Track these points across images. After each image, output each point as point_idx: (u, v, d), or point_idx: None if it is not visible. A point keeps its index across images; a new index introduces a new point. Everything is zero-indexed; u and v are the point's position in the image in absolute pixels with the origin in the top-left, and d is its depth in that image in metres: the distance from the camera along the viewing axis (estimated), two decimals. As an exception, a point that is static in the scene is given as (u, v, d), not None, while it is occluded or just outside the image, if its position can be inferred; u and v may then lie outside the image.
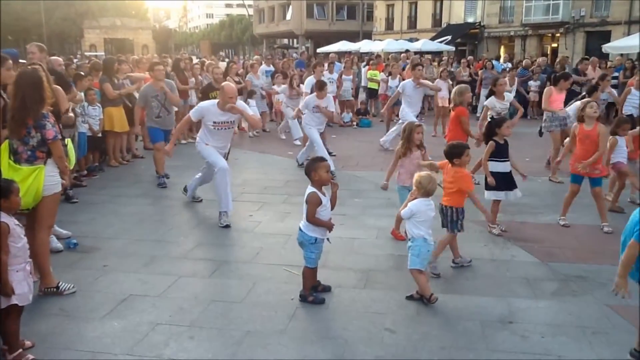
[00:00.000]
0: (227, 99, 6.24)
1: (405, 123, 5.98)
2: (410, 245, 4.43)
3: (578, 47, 29.95)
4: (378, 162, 9.71)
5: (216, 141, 6.53)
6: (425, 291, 4.40)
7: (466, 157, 5.07)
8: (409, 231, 4.47)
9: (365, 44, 35.25)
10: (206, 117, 6.36)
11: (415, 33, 39.80)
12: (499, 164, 6.03)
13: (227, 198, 6.39)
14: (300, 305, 4.39)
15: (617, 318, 4.22)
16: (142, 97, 8.13)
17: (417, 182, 4.46)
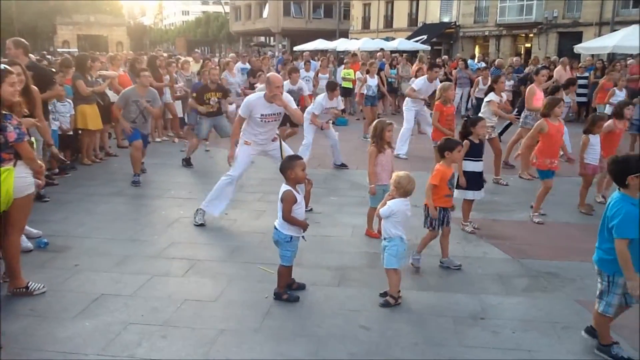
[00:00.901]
0: (274, 90, 6.02)
1: (376, 121, 5.99)
2: (387, 245, 4.43)
3: (551, 48, 30.41)
4: (354, 160, 9.73)
5: (260, 135, 6.32)
6: (395, 290, 4.43)
7: (457, 153, 5.15)
8: (386, 230, 4.45)
9: (342, 43, 35.29)
10: (254, 110, 6.15)
11: (391, 32, 40.01)
12: (473, 163, 6.10)
13: (220, 203, 6.32)
14: (275, 303, 4.39)
15: (586, 313, 4.30)
16: (123, 98, 8.06)
17: (396, 182, 4.45)
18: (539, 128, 6.63)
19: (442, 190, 5.08)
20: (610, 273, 3.56)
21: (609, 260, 3.53)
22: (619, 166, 3.54)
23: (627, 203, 3.44)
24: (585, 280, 4.93)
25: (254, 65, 15.07)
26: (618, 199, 3.50)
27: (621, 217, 3.40)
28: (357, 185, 8.11)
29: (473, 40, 35.80)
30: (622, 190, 3.53)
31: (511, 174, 8.86)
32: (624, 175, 3.47)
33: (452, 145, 5.13)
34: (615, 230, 3.42)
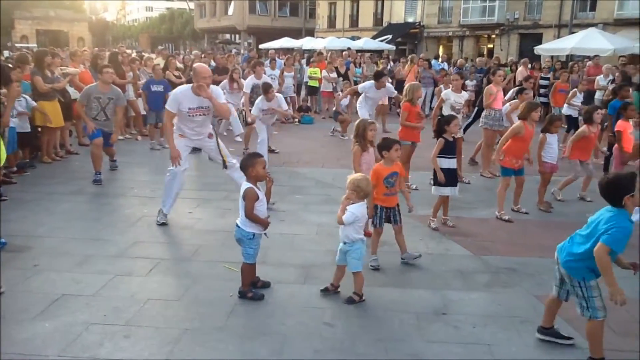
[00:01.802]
0: (200, 80, 5.85)
1: (357, 121, 6.01)
2: (349, 249, 4.43)
3: (512, 48, 31.05)
4: (319, 158, 9.78)
5: (191, 130, 6.18)
6: (360, 289, 4.47)
7: (395, 152, 5.15)
8: (348, 236, 4.42)
9: (308, 41, 35.34)
10: (181, 104, 5.98)
11: (357, 31, 40.21)
12: (447, 160, 6.20)
13: (168, 200, 6.29)
14: (239, 301, 4.39)
15: (542, 307, 4.41)
16: (85, 95, 7.92)
17: (355, 185, 4.40)
18: (517, 131, 6.79)
19: (380, 189, 5.12)
20: (580, 278, 3.57)
21: (578, 266, 3.56)
22: (613, 187, 3.47)
23: (625, 219, 3.40)
24: (543, 275, 5.07)
25: (219, 63, 14.96)
26: (619, 213, 3.43)
27: (619, 230, 3.35)
28: (322, 184, 8.15)
29: (437, 40, 36.30)
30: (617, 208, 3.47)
31: (474, 172, 9.03)
32: (619, 196, 3.41)
33: (389, 144, 5.16)
34: (607, 238, 3.36)
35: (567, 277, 3.66)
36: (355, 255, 4.43)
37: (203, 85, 5.86)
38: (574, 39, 20.93)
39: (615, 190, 3.44)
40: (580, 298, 3.58)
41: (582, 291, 3.56)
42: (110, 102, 8.02)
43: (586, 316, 3.57)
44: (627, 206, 3.41)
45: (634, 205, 3.43)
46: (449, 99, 8.64)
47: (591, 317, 3.54)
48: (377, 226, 5.22)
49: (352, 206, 4.41)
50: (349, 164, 5.97)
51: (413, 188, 7.91)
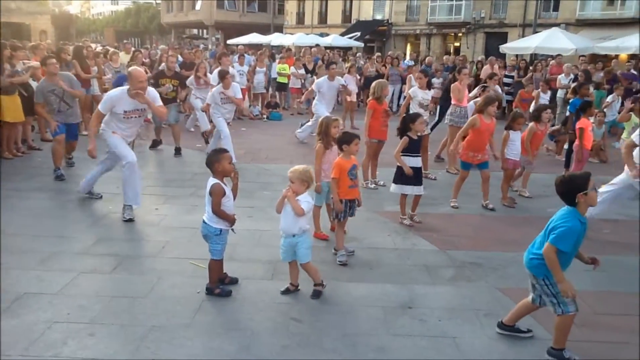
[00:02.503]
0: (136, 84, 5.93)
1: (321, 118, 6.01)
2: (299, 240, 4.41)
3: (478, 47, 31.54)
4: (287, 155, 9.77)
5: (124, 130, 6.26)
6: (319, 278, 4.52)
7: (355, 146, 5.18)
8: (301, 227, 4.40)
9: (277, 37, 35.22)
10: (117, 106, 6.03)
11: (325, 28, 40.27)
12: (411, 158, 6.23)
13: (135, 192, 6.22)
14: (207, 298, 4.37)
15: (506, 300, 4.54)
16: (39, 93, 7.74)
17: (305, 175, 4.38)
18: (472, 123, 6.97)
19: (345, 182, 5.16)
20: (542, 276, 3.65)
21: (539, 264, 3.63)
22: (567, 186, 3.58)
23: (575, 219, 3.51)
24: (507, 269, 5.20)
25: (186, 58, 14.79)
26: (568, 212, 3.56)
27: (564, 229, 3.47)
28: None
29: (405, 38, 36.61)
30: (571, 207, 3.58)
31: (440, 169, 9.15)
32: (572, 194, 3.53)
33: (349, 138, 5.19)
34: (553, 238, 3.49)
35: (532, 277, 3.74)
36: (306, 244, 4.45)
37: (141, 93, 5.98)
38: (538, 38, 21.37)
39: (569, 189, 3.55)
40: (550, 296, 3.65)
41: (548, 288, 3.64)
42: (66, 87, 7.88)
43: (558, 312, 3.64)
44: (580, 204, 3.52)
45: (587, 204, 3.54)
46: (416, 97, 8.72)
47: (563, 312, 3.62)
48: (341, 219, 5.25)
49: (304, 196, 4.38)
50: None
51: (380, 184, 7.98)
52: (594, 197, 3.57)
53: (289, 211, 4.37)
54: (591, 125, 8.14)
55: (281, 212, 4.43)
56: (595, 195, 3.58)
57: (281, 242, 4.49)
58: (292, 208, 4.32)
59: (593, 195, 3.55)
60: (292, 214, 4.36)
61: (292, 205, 4.32)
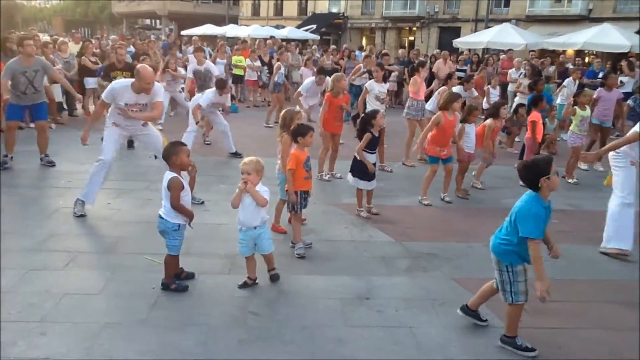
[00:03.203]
0: (143, 85, 5.79)
1: (284, 111, 5.96)
2: (261, 232, 4.43)
3: (432, 41, 32.03)
4: (243, 147, 9.67)
5: (125, 120, 6.09)
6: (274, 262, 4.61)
7: (309, 139, 5.16)
8: (261, 217, 4.42)
9: (232, 29, 34.82)
10: (118, 97, 5.87)
11: (281, 20, 40.10)
12: (370, 155, 6.26)
13: (92, 190, 6.05)
14: (162, 293, 4.29)
15: (461, 290, 4.64)
16: (9, 72, 7.51)
17: (260, 166, 4.38)
18: (437, 121, 7.03)
19: (301, 173, 5.15)
20: (507, 263, 3.71)
21: (506, 250, 3.69)
22: (530, 170, 3.62)
23: (540, 206, 3.57)
24: (461, 259, 5.32)
25: (139, 48, 14.47)
26: (530, 199, 3.61)
27: (533, 219, 3.51)
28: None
29: (360, 31, 36.82)
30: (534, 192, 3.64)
31: (396, 161, 9.24)
32: (535, 178, 3.57)
33: (304, 130, 5.17)
34: (526, 231, 3.52)
35: (496, 263, 3.78)
36: (267, 234, 4.48)
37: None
38: (490, 33, 21.85)
39: (532, 173, 3.59)
40: (505, 283, 3.71)
41: (508, 276, 3.69)
42: (37, 74, 7.71)
43: (508, 301, 3.72)
44: (542, 188, 3.57)
45: (549, 189, 3.59)
46: (373, 90, 8.78)
47: (513, 301, 3.70)
48: (297, 211, 5.25)
49: (261, 186, 4.38)
50: (274, 153, 5.95)
51: (337, 177, 8.01)
52: (556, 182, 3.62)
53: (248, 204, 4.33)
54: (542, 118, 8.39)
55: (238, 206, 4.37)
56: (557, 180, 3.63)
57: (240, 236, 4.45)
58: (255, 200, 4.30)
59: (555, 179, 3.59)
60: (252, 206, 4.33)
61: (255, 197, 4.29)
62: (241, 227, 4.43)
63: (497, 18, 27.50)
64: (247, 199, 4.32)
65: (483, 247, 5.46)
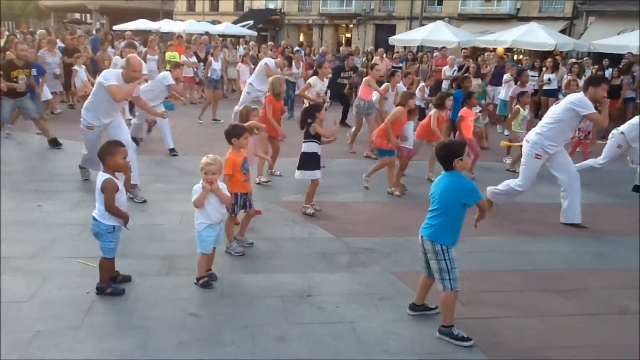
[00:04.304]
0: (131, 73, 5.73)
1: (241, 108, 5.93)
2: (220, 227, 4.52)
3: (369, 38, 32.46)
4: (181, 146, 9.50)
5: (106, 113, 6.13)
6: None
7: (244, 140, 5.10)
8: (225, 212, 4.58)
9: (166, 24, 33.99)
10: None
11: (217, 15, 39.53)
12: (316, 145, 6.28)
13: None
14: (98, 298, 4.16)
15: (399, 284, 4.74)
16: None
17: (220, 165, 4.43)
18: (398, 114, 7.28)
19: (239, 176, 5.07)
20: (447, 244, 3.84)
21: (443, 231, 3.85)
22: (446, 150, 3.90)
23: (460, 177, 3.86)
24: (399, 253, 5.43)
25: (69, 44, 13.91)
26: (449, 178, 3.87)
27: (472, 188, 3.83)
28: (185, 172, 7.95)
29: (298, 28, 36.82)
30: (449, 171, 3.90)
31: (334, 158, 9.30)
32: (451, 159, 3.85)
33: (239, 131, 5.09)
34: (475, 198, 3.86)
35: (431, 251, 3.89)
36: (221, 230, 4.58)
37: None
38: (424, 31, 22.34)
39: (448, 154, 3.88)
40: (444, 271, 3.84)
41: (446, 263, 3.84)
42: None
43: (447, 288, 3.85)
44: (456, 168, 3.87)
45: (462, 168, 3.90)
46: (316, 86, 8.87)
47: (452, 288, 3.84)
48: (236, 214, 5.20)
49: (221, 184, 4.46)
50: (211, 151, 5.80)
51: (277, 174, 8.00)
52: (468, 163, 4.04)
53: (214, 202, 4.39)
54: (473, 115, 8.66)
55: (203, 206, 4.36)
56: (469, 162, 3.99)
57: (205, 233, 4.41)
58: (220, 198, 4.41)
59: (467, 160, 3.94)
60: (218, 203, 4.42)
61: (221, 196, 4.40)
62: (208, 224, 4.40)
63: (430, 16, 28.16)
64: (213, 197, 4.38)
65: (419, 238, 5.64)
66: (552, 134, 6.16)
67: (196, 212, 4.43)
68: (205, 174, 4.33)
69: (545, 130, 6.19)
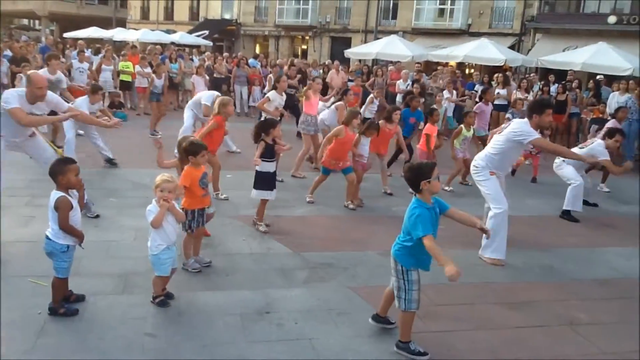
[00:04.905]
0: (35, 91, 5.46)
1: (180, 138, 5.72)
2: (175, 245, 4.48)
3: (324, 50, 32.69)
4: (134, 159, 9.35)
5: (15, 133, 5.72)
6: None
7: (202, 158, 5.03)
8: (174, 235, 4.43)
9: (119, 32, 33.38)
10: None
11: (172, 25, 39.05)
12: (268, 163, 6.22)
13: None
14: (50, 319, 4.05)
15: (357, 299, 4.79)
16: None
17: (176, 184, 4.41)
18: (337, 133, 7.37)
19: (198, 191, 5.01)
20: (407, 266, 3.89)
21: (404, 253, 3.89)
22: (413, 173, 3.87)
23: (423, 208, 3.81)
24: (356, 267, 5.49)
25: (16, 52, 13.52)
26: (413, 204, 3.87)
27: (418, 220, 3.74)
28: (138, 185, 7.82)
29: (254, 39, 36.75)
30: (417, 196, 3.89)
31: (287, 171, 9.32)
32: (417, 181, 3.83)
33: (196, 149, 4.99)
34: (415, 232, 3.74)
35: (393, 268, 3.96)
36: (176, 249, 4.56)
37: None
38: (379, 44, 22.64)
39: (415, 176, 3.86)
40: (400, 290, 3.90)
41: (404, 283, 3.89)
42: None
43: (402, 307, 3.91)
44: (423, 191, 3.85)
45: (430, 191, 3.86)
46: (275, 100, 8.88)
47: (405, 308, 3.90)
48: (194, 230, 5.09)
49: (175, 202, 4.42)
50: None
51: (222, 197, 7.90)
52: (437, 185, 3.89)
53: (171, 221, 4.35)
54: (436, 130, 8.90)
55: (161, 225, 4.28)
56: (438, 184, 3.89)
57: (164, 255, 4.33)
58: (176, 216, 4.39)
59: (436, 184, 3.86)
60: (174, 222, 4.39)
61: (176, 215, 4.38)
62: (166, 245, 4.33)
63: (385, 30, 28.59)
64: (170, 216, 4.33)
65: (377, 255, 5.74)
66: (497, 163, 6.07)
67: (152, 234, 4.34)
68: (161, 192, 4.27)
69: (490, 160, 6.09)
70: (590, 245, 6.84)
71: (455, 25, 27.98)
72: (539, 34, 25.64)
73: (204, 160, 5.12)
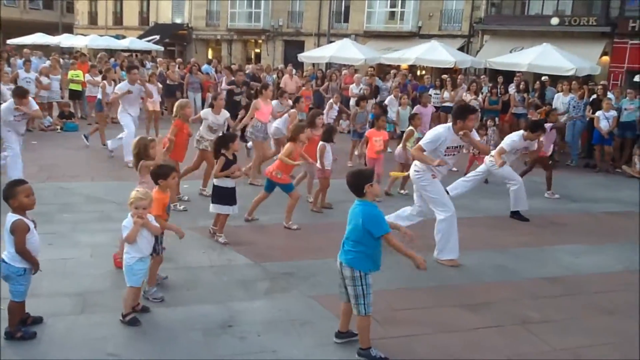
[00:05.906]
0: None
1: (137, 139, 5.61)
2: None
3: (278, 54, 32.68)
4: (87, 171, 9.18)
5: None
6: None
7: (172, 180, 4.96)
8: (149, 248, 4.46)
9: (66, 38, 32.53)
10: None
11: (121, 30, 38.27)
12: (228, 179, 6.21)
13: None
14: (7, 344, 3.96)
15: (319, 308, 4.87)
16: None
17: (151, 200, 4.44)
18: (288, 153, 7.07)
19: (164, 217, 4.89)
20: (365, 270, 3.98)
21: (361, 258, 3.98)
22: (356, 178, 4.04)
23: (371, 207, 3.99)
24: (317, 276, 5.56)
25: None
26: (361, 206, 4.00)
27: (380, 218, 3.95)
28: (93, 199, 7.68)
29: (206, 43, 36.41)
30: (361, 199, 4.04)
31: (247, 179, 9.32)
32: (361, 185, 4.00)
33: (166, 171, 4.90)
34: (378, 230, 3.92)
35: (349, 277, 4.01)
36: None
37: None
38: (332, 48, 22.78)
39: (358, 180, 4.04)
40: (359, 297, 3.99)
41: (362, 289, 3.98)
42: None
43: (361, 313, 4.00)
44: (367, 194, 4.02)
45: (372, 194, 4.05)
46: (206, 119, 8.13)
47: (365, 313, 3.99)
48: (159, 253, 4.94)
49: (150, 216, 4.44)
50: (121, 176, 5.75)
51: (185, 200, 7.86)
52: (377, 189, 4.14)
53: (146, 235, 4.38)
54: (377, 136, 9.00)
55: (136, 241, 4.30)
56: (378, 187, 4.15)
57: (138, 267, 4.34)
58: (151, 230, 4.42)
59: (377, 186, 4.11)
60: (149, 236, 4.41)
61: (151, 228, 4.42)
62: (140, 257, 4.34)
63: (337, 33, 28.77)
64: (144, 231, 4.36)
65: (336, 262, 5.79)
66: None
67: (126, 246, 4.36)
68: (136, 209, 4.29)
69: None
70: (540, 244, 7.10)
71: (406, 28, 28.39)
72: (486, 35, 26.29)
73: (175, 182, 5.07)
